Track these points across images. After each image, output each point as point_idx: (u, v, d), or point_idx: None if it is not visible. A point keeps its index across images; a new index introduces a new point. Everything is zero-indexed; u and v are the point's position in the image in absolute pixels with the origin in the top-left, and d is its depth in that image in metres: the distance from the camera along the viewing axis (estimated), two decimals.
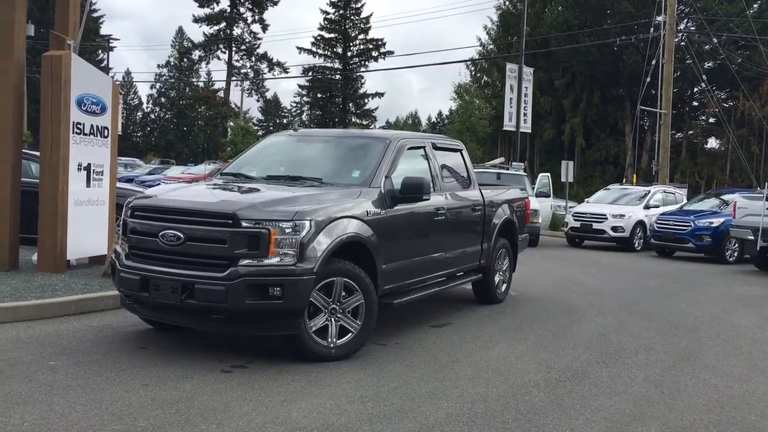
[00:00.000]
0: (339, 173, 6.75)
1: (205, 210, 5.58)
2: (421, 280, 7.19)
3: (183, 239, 5.49)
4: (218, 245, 5.41)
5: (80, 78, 8.93)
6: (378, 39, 68.89)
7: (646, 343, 7.12)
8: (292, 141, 7.64)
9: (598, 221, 18.80)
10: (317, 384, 5.18)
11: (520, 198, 9.71)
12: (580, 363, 6.19)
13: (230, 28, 66.88)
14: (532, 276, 12.08)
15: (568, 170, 25.87)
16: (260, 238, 5.36)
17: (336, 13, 68.59)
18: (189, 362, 5.57)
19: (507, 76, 26.25)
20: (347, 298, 5.91)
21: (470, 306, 8.70)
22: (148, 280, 5.59)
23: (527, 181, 19.39)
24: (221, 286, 5.30)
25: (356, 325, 5.96)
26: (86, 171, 9.11)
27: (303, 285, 5.45)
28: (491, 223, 8.59)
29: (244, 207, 5.49)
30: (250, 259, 5.37)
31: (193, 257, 5.49)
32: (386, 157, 6.72)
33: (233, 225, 5.38)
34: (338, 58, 70.11)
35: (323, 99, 72.35)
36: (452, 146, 8.26)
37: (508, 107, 25.98)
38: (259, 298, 5.35)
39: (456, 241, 7.75)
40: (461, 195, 7.97)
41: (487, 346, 6.66)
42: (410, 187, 6.50)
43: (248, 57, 68.94)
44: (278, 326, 5.56)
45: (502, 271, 9.09)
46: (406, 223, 6.75)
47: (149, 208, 5.83)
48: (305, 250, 5.47)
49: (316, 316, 5.75)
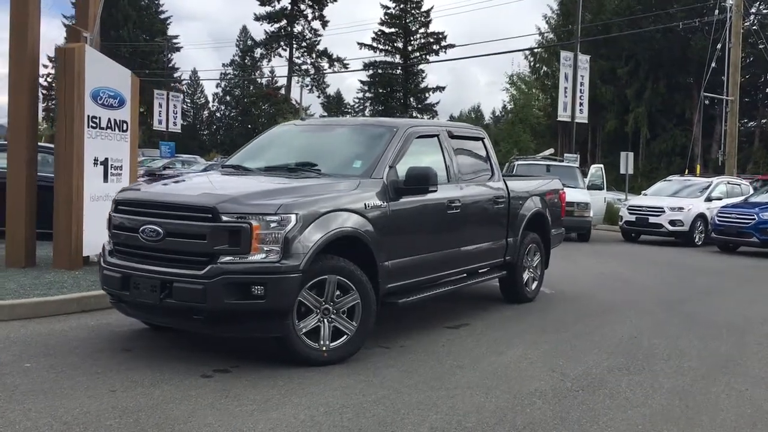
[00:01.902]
0: (340, 164, 6.32)
1: (184, 203, 5.25)
2: (433, 277, 6.70)
3: (162, 235, 5.16)
4: (198, 241, 5.06)
5: (96, 71, 8.77)
6: (439, 32, 68.30)
7: (682, 348, 6.47)
8: (297, 130, 7.26)
9: (654, 215, 17.82)
10: (298, 391, 4.78)
11: (553, 189, 9.09)
12: (600, 370, 5.61)
13: (291, 25, 67.30)
14: (574, 272, 11.41)
15: (627, 162, 24.77)
16: (241, 233, 4.98)
17: (396, 8, 68.28)
18: (171, 365, 5.25)
19: (561, 65, 25.27)
20: (342, 297, 5.48)
21: (496, 305, 8.16)
22: (129, 277, 5.30)
23: (579, 174, 18.58)
24: (200, 285, 4.96)
25: (352, 327, 5.53)
26: (103, 166, 8.95)
27: (288, 283, 5.06)
28: (518, 216, 8.02)
29: (224, 200, 5.13)
30: (231, 255, 5.00)
31: (173, 254, 5.16)
32: (391, 147, 6.26)
33: (213, 219, 5.03)
34: (399, 52, 69.82)
35: (384, 94, 72.22)
36: (472, 134, 7.72)
37: (562, 97, 25.02)
38: (240, 298, 4.98)
39: (474, 235, 7.23)
40: (481, 186, 7.44)
41: (500, 350, 6.14)
42: (415, 178, 6.03)
43: (309, 54, 69.35)
44: (262, 328, 5.18)
45: (532, 267, 8.51)
46: (413, 217, 6.28)
47: (131, 201, 5.54)
48: (291, 246, 5.07)
49: (306, 316, 5.35)
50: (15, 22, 8.46)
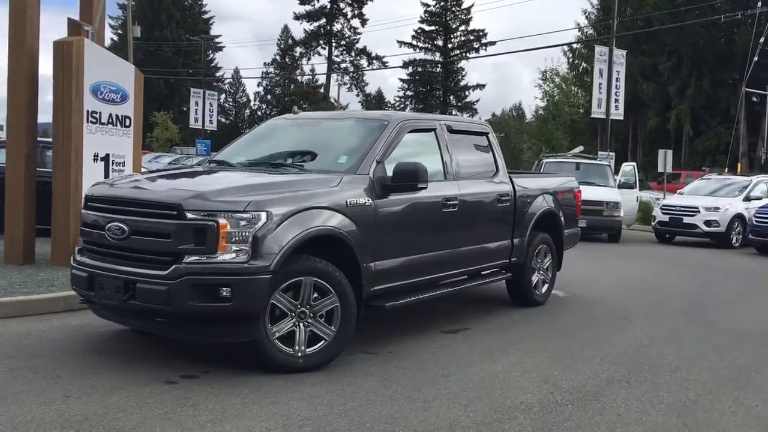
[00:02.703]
0: (326, 159, 6.01)
1: (149, 200, 5.00)
2: (427, 279, 6.34)
3: (127, 233, 4.92)
4: (162, 240, 4.80)
5: (96, 65, 8.61)
6: (479, 30, 67.64)
7: (693, 358, 6.00)
8: (287, 125, 6.96)
9: (689, 215, 17.10)
10: (262, 401, 4.48)
11: (567, 187, 8.64)
12: (597, 382, 5.19)
13: (330, 23, 67.33)
14: (595, 274, 10.92)
15: (666, 160, 23.96)
16: (207, 231, 4.70)
17: (437, 6, 67.85)
18: (139, 369, 5.00)
19: (596, 60, 24.57)
20: (319, 300, 5.17)
21: (502, 308, 7.76)
22: (95, 277, 5.07)
23: (610, 172, 17.96)
24: (163, 286, 4.69)
25: (330, 332, 5.21)
26: (104, 161, 8.80)
27: (257, 285, 4.76)
28: (525, 215, 7.60)
29: (190, 196, 4.86)
30: (197, 255, 4.73)
31: (138, 253, 4.91)
32: (380, 141, 5.92)
33: (178, 217, 4.76)
34: (439, 50, 69.38)
35: (424, 92, 71.87)
36: (474, 129, 7.34)
37: (596, 93, 24.31)
38: (205, 300, 4.70)
39: (475, 235, 6.85)
40: (483, 184, 7.05)
41: (494, 358, 5.75)
42: (402, 175, 5.68)
43: (348, 52, 69.34)
44: (231, 332, 4.90)
45: (543, 269, 8.08)
46: (403, 216, 5.94)
47: (99, 198, 5.30)
48: (261, 246, 4.78)
49: (281, 320, 5.05)
50: (14, 14, 8.34)
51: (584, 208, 15.93)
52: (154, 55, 65.52)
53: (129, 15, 50.30)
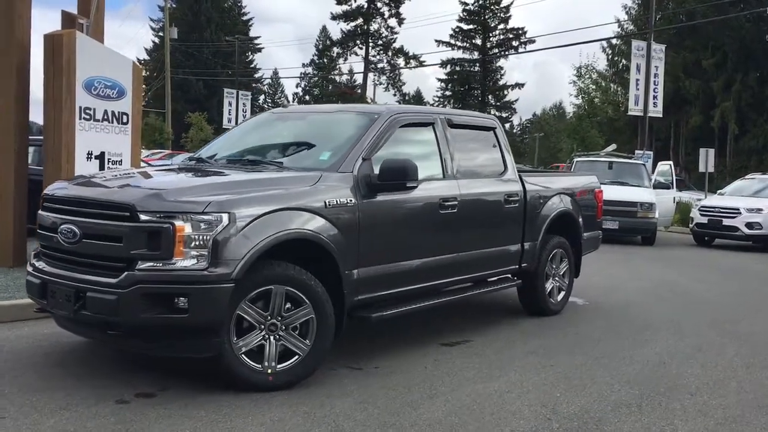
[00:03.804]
0: (307, 155, 5.52)
1: (101, 200, 4.55)
2: (422, 288, 5.79)
3: (79, 236, 4.48)
4: (114, 244, 4.35)
5: (90, 59, 8.24)
6: (518, 28, 66.69)
7: (719, 378, 5.35)
8: (273, 119, 6.48)
9: (729, 216, 16.18)
10: (216, 426, 3.99)
11: (586, 187, 8.00)
12: (603, 406, 4.59)
13: (367, 23, 67.01)
14: (622, 280, 10.22)
15: (707, 159, 22.95)
16: (162, 234, 4.24)
17: (475, 4, 67.09)
18: (93, 386, 4.55)
19: (633, 55, 23.60)
20: (292, 311, 4.67)
21: (512, 318, 7.16)
22: (47, 284, 4.65)
23: (645, 171, 17.13)
24: (113, 295, 4.24)
25: (304, 346, 4.71)
26: (99, 160, 8.43)
27: (217, 295, 4.28)
28: (538, 217, 7.00)
29: (144, 196, 4.41)
30: (151, 261, 4.27)
31: (89, 258, 4.47)
32: (368, 136, 5.38)
33: (130, 218, 4.30)
34: (477, 49, 68.62)
35: (462, 92, 71.21)
36: (479, 123, 6.76)
37: (633, 89, 23.36)
38: (160, 311, 4.24)
39: (478, 239, 6.28)
40: (488, 183, 6.48)
41: (491, 376, 5.18)
42: (389, 172, 5.15)
43: (385, 52, 68.97)
44: (189, 346, 4.42)
45: (558, 275, 7.46)
46: (392, 218, 5.41)
47: (52, 197, 4.88)
48: (222, 251, 4.29)
49: (249, 333, 4.57)
50: (2, 7, 8.03)
51: (617, 210, 15.28)
52: (194, 57, 66.12)
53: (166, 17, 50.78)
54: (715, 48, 42.11)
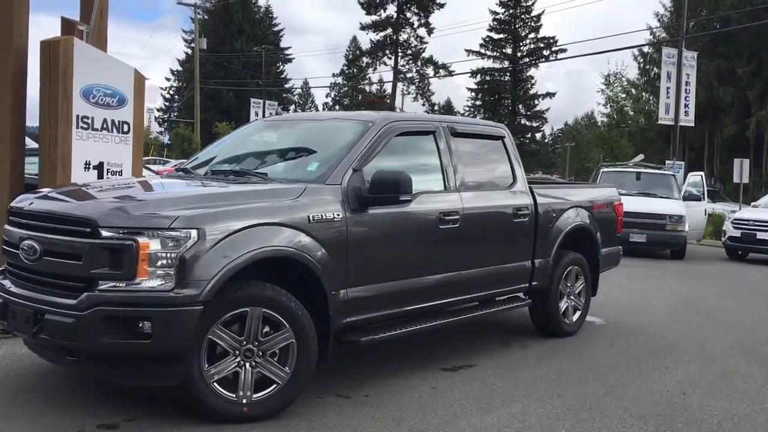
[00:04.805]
0: (295, 166, 5.16)
1: (63, 215, 4.22)
2: (420, 308, 5.36)
3: (39, 253, 4.16)
4: (74, 262, 4.02)
5: (89, 67, 7.97)
6: (549, 37, 66.19)
7: (744, 413, 4.84)
8: (264, 128, 6.12)
9: (764, 230, 15.46)
10: None
11: (604, 200, 7.51)
12: None
13: (396, 33, 66.94)
14: (646, 297, 9.67)
15: (742, 169, 22.18)
16: (124, 252, 3.89)
17: (506, 13, 66.76)
18: (54, 415, 4.21)
19: (663, 62, 22.92)
20: (270, 336, 4.30)
21: (523, 340, 6.69)
22: (8, 304, 4.33)
23: (675, 182, 16.49)
24: (71, 318, 3.90)
25: (283, 374, 4.33)
26: (97, 170, 8.16)
27: (183, 319, 3.91)
28: (550, 231, 6.55)
29: (107, 210, 4.07)
30: (112, 281, 3.92)
31: (50, 277, 4.15)
32: (359, 145, 5.00)
33: (91, 235, 3.97)
34: (507, 58, 68.22)
35: (491, 101, 70.82)
36: (486, 132, 6.33)
37: (664, 98, 22.66)
38: (121, 336, 3.89)
39: (482, 256, 5.84)
40: (494, 195, 6.05)
41: (491, 407, 4.74)
42: (381, 185, 4.75)
43: (414, 61, 68.85)
44: (152, 374, 4.06)
45: (574, 294, 6.99)
46: (385, 233, 5.00)
47: (15, 211, 4.59)
48: (190, 270, 3.93)
49: (222, 360, 4.20)
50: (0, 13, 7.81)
51: (644, 222, 14.70)
52: (224, 68, 66.64)
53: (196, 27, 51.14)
54: (750, 55, 41.04)
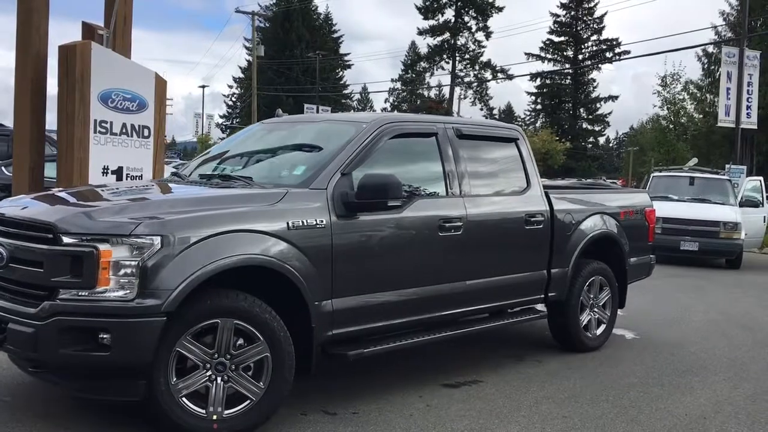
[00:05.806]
0: (280, 170, 4.94)
1: (24, 219, 4.08)
2: (417, 320, 5.05)
3: (6, 259, 4.03)
4: (35, 269, 3.87)
5: (107, 71, 7.95)
6: (612, 39, 64.80)
7: None
8: (262, 130, 5.90)
9: None
10: None
11: (633, 206, 7.04)
12: None
13: (454, 37, 66.58)
14: (688, 309, 9.09)
15: None
16: (84, 259, 3.72)
17: (567, 15, 65.69)
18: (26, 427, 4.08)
19: (723, 62, 21.92)
20: (244, 349, 4.07)
21: (539, 354, 6.30)
22: None
23: (731, 188, 15.66)
24: (30, 328, 3.75)
25: (257, 390, 4.09)
26: (116, 175, 8.13)
27: (144, 330, 3.72)
28: (569, 239, 6.15)
29: (69, 215, 3.92)
30: (73, 289, 3.75)
31: (15, 285, 4.01)
32: (349, 147, 4.73)
33: (52, 241, 3.82)
34: (568, 61, 67.06)
35: (552, 105, 69.73)
36: (497, 134, 5.97)
37: (724, 99, 21.65)
38: (80, 348, 3.71)
39: (490, 265, 5.49)
40: (504, 201, 5.70)
41: (484, 428, 4.40)
42: (368, 189, 4.48)
43: (472, 66, 68.33)
44: (111, 388, 3.86)
45: (598, 306, 6.56)
46: (377, 240, 4.71)
47: None
48: (152, 279, 3.73)
49: (192, 373, 3.99)
50: (20, 19, 7.87)
51: (696, 230, 14.00)
52: (284, 75, 67.46)
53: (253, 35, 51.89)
54: None
